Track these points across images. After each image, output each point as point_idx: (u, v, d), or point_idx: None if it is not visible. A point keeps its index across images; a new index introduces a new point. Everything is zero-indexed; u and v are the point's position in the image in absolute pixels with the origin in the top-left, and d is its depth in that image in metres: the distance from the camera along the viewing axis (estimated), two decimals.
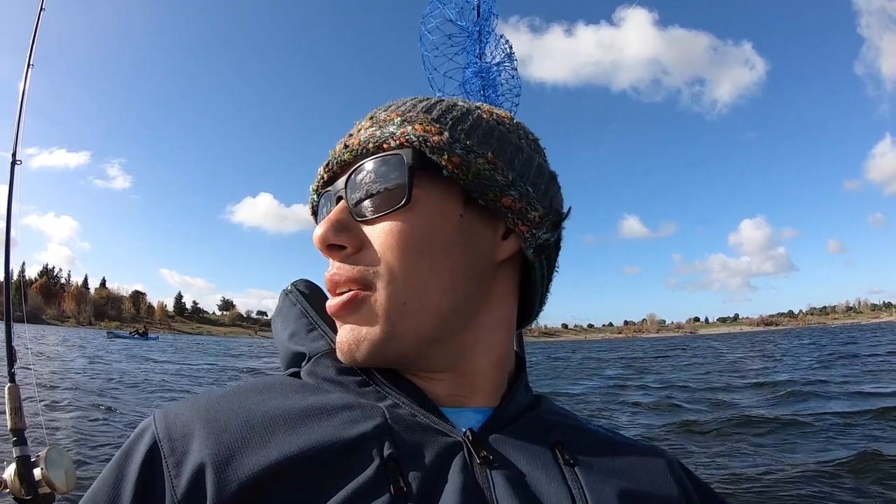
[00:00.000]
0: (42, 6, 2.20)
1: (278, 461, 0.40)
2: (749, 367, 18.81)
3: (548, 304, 0.58)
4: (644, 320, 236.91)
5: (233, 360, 27.77)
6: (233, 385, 0.49)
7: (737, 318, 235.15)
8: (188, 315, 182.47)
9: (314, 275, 0.62)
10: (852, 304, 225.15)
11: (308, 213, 0.57)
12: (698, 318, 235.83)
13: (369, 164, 0.48)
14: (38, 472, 1.53)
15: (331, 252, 0.48)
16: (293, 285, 0.60)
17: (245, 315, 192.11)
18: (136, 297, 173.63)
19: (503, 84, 2.07)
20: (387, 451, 0.42)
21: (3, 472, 1.55)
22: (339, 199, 0.50)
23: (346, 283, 0.47)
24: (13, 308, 1.98)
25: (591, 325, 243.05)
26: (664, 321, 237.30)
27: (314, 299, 0.58)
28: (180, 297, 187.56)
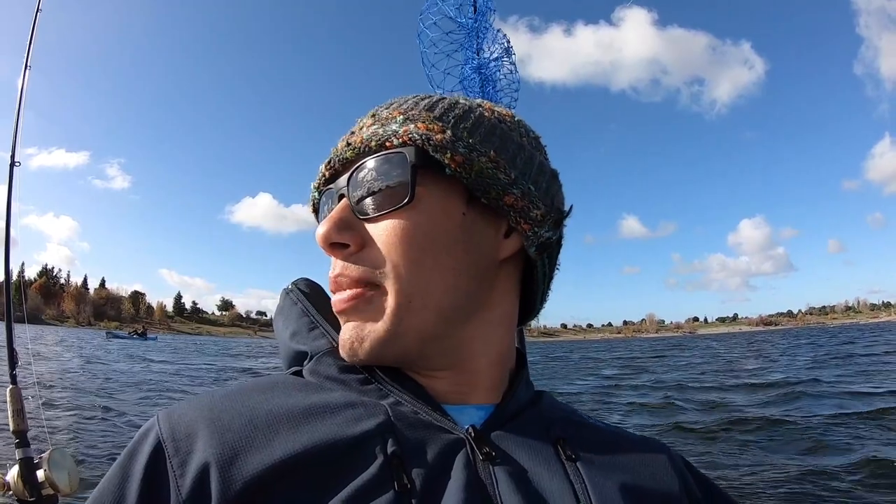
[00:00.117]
0: (38, 7, 2.16)
1: (282, 460, 0.40)
2: (744, 367, 18.84)
3: (547, 305, 0.59)
4: (643, 320, 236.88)
5: (231, 360, 27.72)
6: (235, 384, 0.50)
7: (736, 318, 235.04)
8: (187, 315, 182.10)
9: (314, 274, 0.62)
10: (851, 304, 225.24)
11: (308, 212, 0.57)
12: (697, 318, 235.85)
13: (371, 162, 0.48)
14: (41, 473, 1.53)
15: (333, 250, 0.48)
16: (294, 284, 0.60)
17: (244, 315, 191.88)
18: (136, 297, 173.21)
19: (501, 80, 2.06)
20: (390, 448, 0.42)
21: (6, 475, 1.54)
22: (340, 196, 0.49)
23: (350, 282, 0.47)
24: (13, 308, 1.97)
25: (590, 325, 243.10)
26: (663, 321, 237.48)
27: (315, 298, 0.58)
28: (179, 297, 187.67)
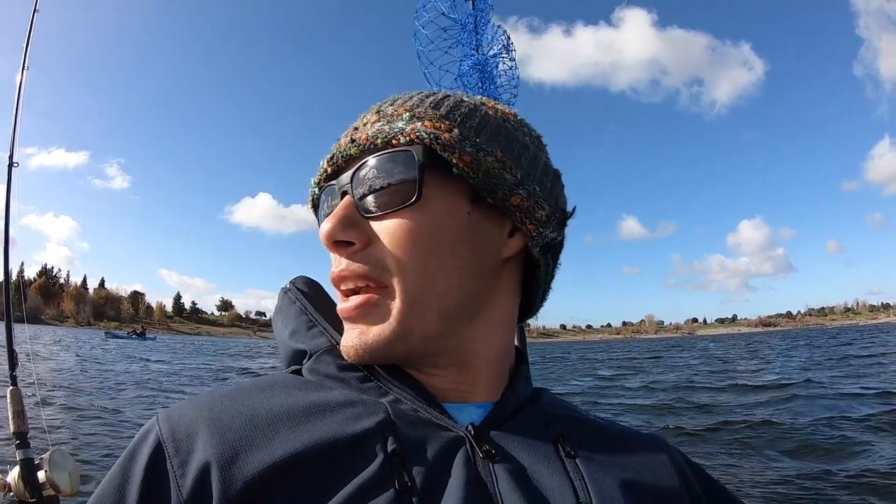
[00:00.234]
0: (36, 7, 2.16)
1: (283, 458, 0.40)
2: (738, 368, 18.97)
3: (547, 305, 0.59)
4: (642, 321, 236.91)
5: (229, 359, 27.73)
6: (235, 384, 0.50)
7: (735, 318, 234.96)
8: (187, 315, 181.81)
9: (313, 274, 0.62)
10: (851, 305, 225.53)
11: (308, 209, 0.56)
12: (696, 320, 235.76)
13: (377, 160, 0.47)
14: (41, 474, 1.53)
15: (337, 248, 0.48)
16: (292, 283, 0.60)
17: (244, 315, 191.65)
18: (135, 297, 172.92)
19: (501, 76, 2.05)
20: (390, 446, 0.43)
21: (6, 476, 1.54)
22: (343, 193, 0.49)
23: (355, 280, 0.47)
24: (13, 308, 1.96)
25: (589, 326, 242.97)
26: (662, 322, 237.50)
27: (314, 296, 0.58)
28: (179, 297, 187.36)
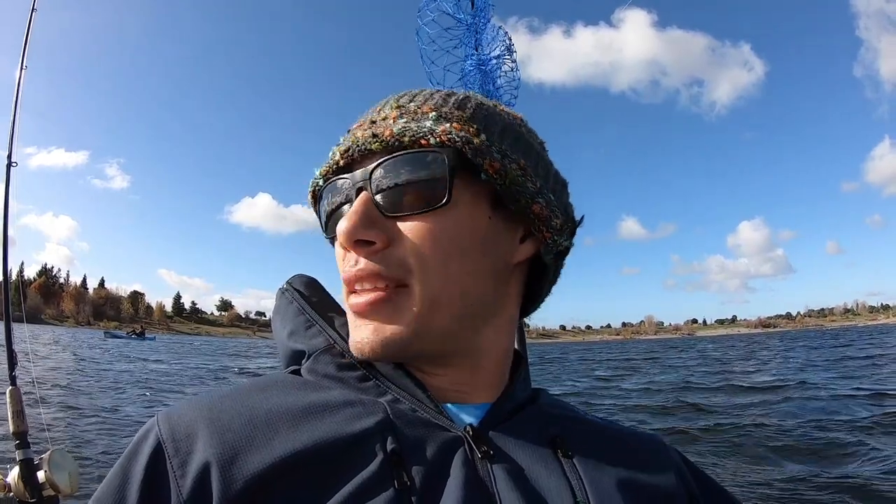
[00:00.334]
0: (34, 7, 2.15)
1: (282, 458, 0.41)
2: (734, 369, 19.05)
3: (547, 306, 0.60)
4: (642, 322, 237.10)
5: (227, 359, 27.76)
6: (234, 384, 0.50)
7: (735, 319, 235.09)
8: (186, 315, 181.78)
9: (313, 274, 0.61)
10: (850, 307, 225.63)
11: (307, 201, 0.55)
12: (696, 320, 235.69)
13: (404, 159, 0.46)
14: (41, 474, 1.53)
15: (357, 247, 0.46)
16: (289, 283, 0.59)
17: (243, 315, 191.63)
18: (135, 297, 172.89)
19: (501, 77, 2.06)
20: (390, 446, 0.43)
21: (6, 476, 1.54)
22: (359, 189, 0.47)
23: (372, 280, 0.46)
24: (12, 308, 1.96)
25: (589, 327, 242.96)
26: (662, 323, 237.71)
27: (312, 295, 0.58)
28: (179, 297, 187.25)
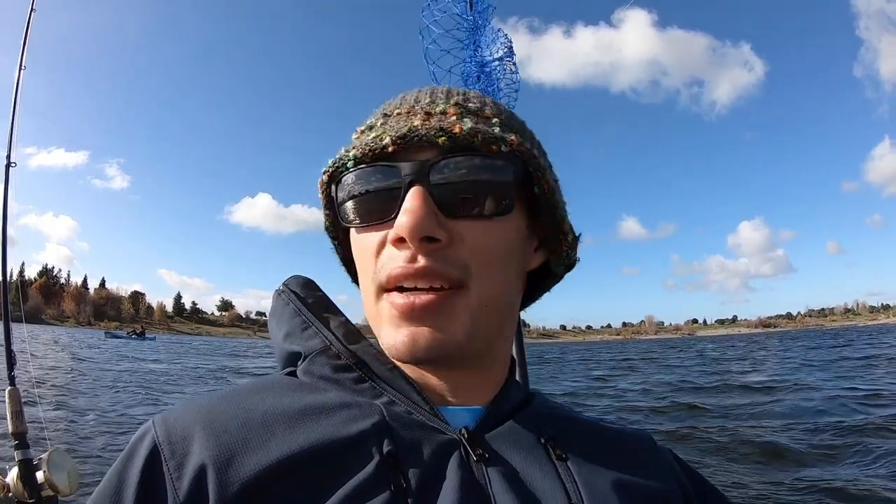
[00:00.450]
0: (33, 6, 2.16)
1: (279, 460, 0.41)
2: (729, 369, 19.07)
3: (547, 306, 0.62)
4: (642, 322, 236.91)
5: (226, 359, 27.75)
6: (231, 387, 0.50)
7: (735, 319, 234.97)
8: (187, 315, 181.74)
9: (313, 274, 0.60)
10: (850, 307, 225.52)
11: (320, 183, 0.51)
12: (696, 320, 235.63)
13: (476, 160, 0.45)
14: (40, 474, 1.53)
15: (420, 242, 0.44)
16: (285, 285, 0.59)
17: (244, 316, 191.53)
18: (135, 297, 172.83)
19: (502, 79, 2.07)
20: (385, 448, 0.43)
21: (5, 476, 1.55)
22: (412, 182, 0.44)
23: (431, 278, 0.45)
24: (11, 308, 1.96)
25: (589, 327, 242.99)
26: (662, 323, 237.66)
27: (308, 296, 0.57)
28: (179, 297, 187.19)
